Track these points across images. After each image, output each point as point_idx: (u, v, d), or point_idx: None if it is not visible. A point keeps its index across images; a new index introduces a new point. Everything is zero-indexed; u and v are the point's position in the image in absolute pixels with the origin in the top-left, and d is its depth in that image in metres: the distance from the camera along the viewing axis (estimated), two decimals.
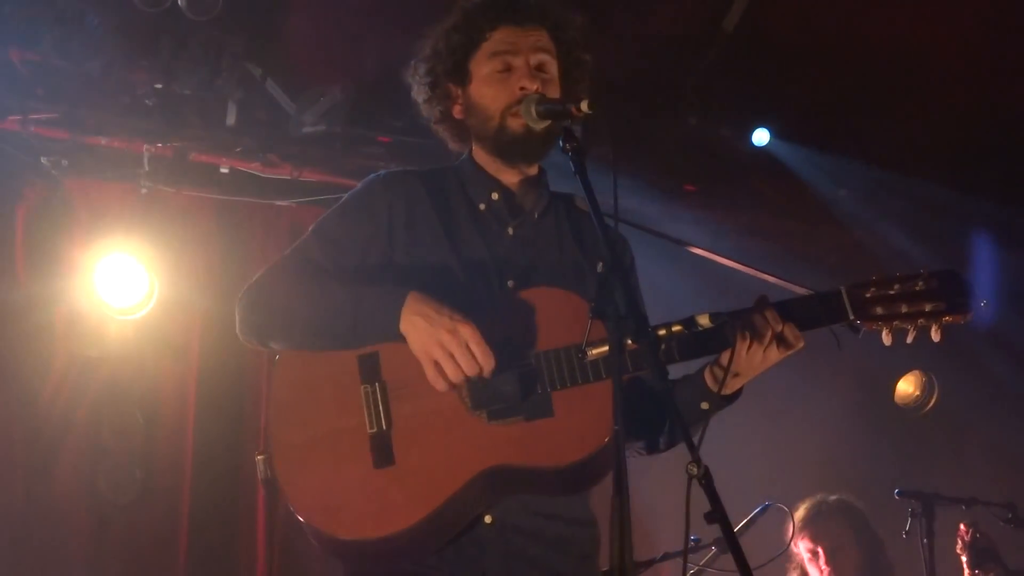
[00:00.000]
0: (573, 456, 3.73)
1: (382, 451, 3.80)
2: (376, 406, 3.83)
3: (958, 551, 6.79)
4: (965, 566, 6.77)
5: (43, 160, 7.46)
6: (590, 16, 4.38)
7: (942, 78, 8.48)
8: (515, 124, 4.05)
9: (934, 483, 7.29)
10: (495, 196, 4.18)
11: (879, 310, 3.86)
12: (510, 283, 4.04)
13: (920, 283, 3.86)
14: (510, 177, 4.21)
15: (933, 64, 8.42)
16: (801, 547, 7.45)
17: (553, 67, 4.17)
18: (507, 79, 4.10)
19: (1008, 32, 8.24)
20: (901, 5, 8.11)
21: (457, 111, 4.24)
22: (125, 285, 7.40)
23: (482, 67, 4.16)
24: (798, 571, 7.54)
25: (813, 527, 7.46)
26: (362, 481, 3.79)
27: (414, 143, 7.52)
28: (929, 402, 9.32)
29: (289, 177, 7.96)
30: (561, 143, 3.76)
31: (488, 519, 3.86)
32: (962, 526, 6.81)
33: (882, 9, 8.16)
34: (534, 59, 4.12)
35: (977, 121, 8.70)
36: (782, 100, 8.60)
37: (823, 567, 7.37)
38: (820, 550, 7.39)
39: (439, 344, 3.73)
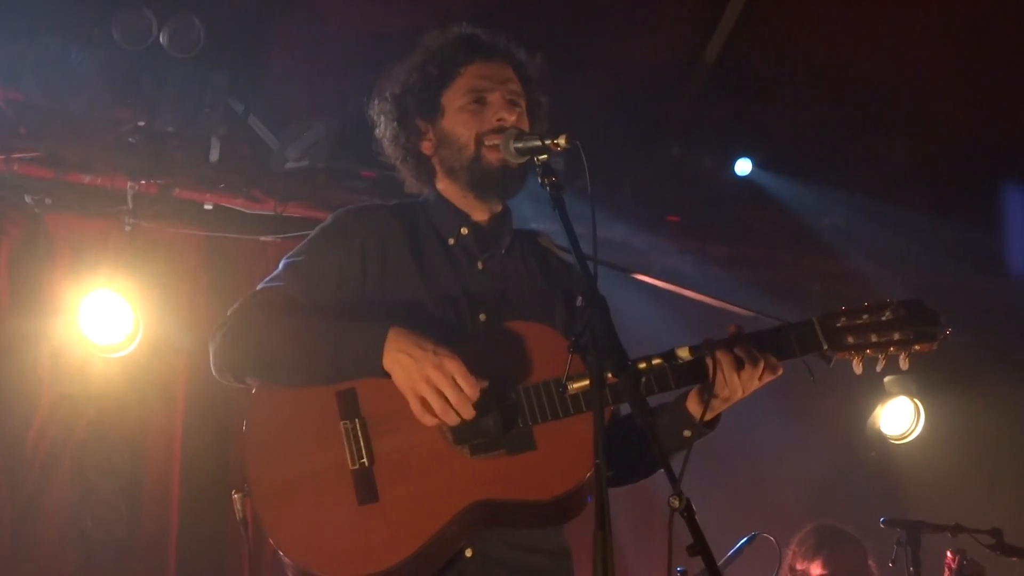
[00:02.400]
0: (557, 489, 3.73)
1: (365, 487, 3.78)
2: (357, 442, 3.81)
3: None
4: None
5: (27, 198, 7.46)
6: (572, 46, 4.41)
7: (923, 106, 8.53)
8: (491, 156, 4.07)
9: (920, 511, 7.29)
10: (464, 231, 4.18)
11: (850, 339, 3.89)
12: (482, 317, 4.05)
13: (888, 312, 3.90)
14: (479, 213, 4.21)
15: (913, 92, 8.48)
16: (811, 568, 7.29)
17: (523, 102, 4.20)
18: (482, 111, 4.12)
19: (988, 59, 8.30)
20: (882, 35, 8.17)
21: (426, 147, 4.24)
22: (110, 322, 7.38)
23: (456, 100, 4.17)
24: None
25: (833, 551, 7.28)
26: (346, 518, 3.77)
27: (398, 177, 7.51)
28: (915, 430, 9.32)
29: (273, 212, 7.96)
30: (540, 178, 3.77)
31: (469, 552, 3.85)
32: (949, 554, 6.79)
33: (863, 39, 8.21)
34: (508, 93, 4.16)
35: (958, 148, 8.75)
36: (764, 130, 8.64)
37: None
38: (838, 574, 7.24)
39: (425, 380, 3.71)
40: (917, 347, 3.88)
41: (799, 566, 7.28)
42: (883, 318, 3.89)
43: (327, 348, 3.83)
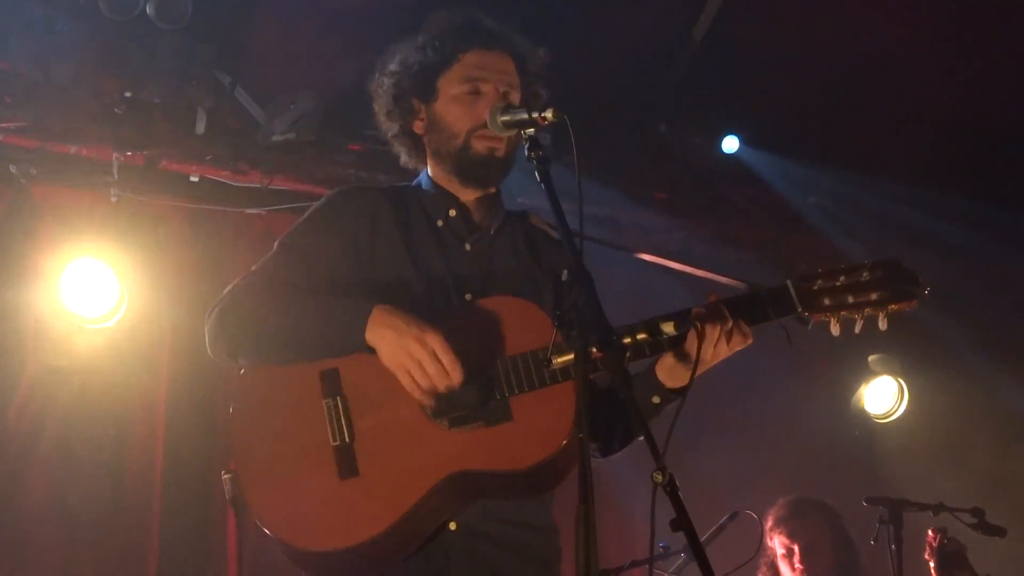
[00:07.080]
0: (533, 459, 3.79)
1: (346, 463, 3.86)
2: (339, 419, 3.89)
3: (926, 557, 6.78)
4: (933, 572, 6.77)
5: (12, 168, 7.43)
6: (560, 22, 4.43)
7: (910, 85, 8.52)
8: (479, 146, 4.16)
9: (902, 489, 7.31)
10: (452, 213, 4.26)
11: (826, 301, 3.94)
12: (468, 298, 4.11)
13: (865, 273, 3.94)
14: (467, 195, 4.30)
15: (901, 71, 8.46)
16: (776, 543, 7.43)
17: (517, 96, 4.25)
18: (476, 102, 4.19)
19: (975, 39, 8.29)
20: (870, 14, 8.15)
21: (418, 127, 4.34)
22: (95, 294, 7.37)
23: (452, 87, 4.24)
24: (771, 569, 7.50)
25: (790, 524, 7.42)
26: (328, 493, 3.84)
27: (385, 151, 7.45)
28: (898, 408, 9.34)
29: (259, 185, 7.94)
30: (527, 151, 3.79)
31: (453, 525, 3.91)
32: (930, 532, 6.81)
33: (851, 17, 8.20)
34: (503, 86, 4.21)
35: (946, 127, 8.74)
36: (751, 108, 8.62)
37: (797, 565, 7.35)
38: (796, 547, 7.37)
39: (407, 353, 3.78)
40: (895, 306, 3.92)
41: (769, 541, 7.37)
42: (860, 279, 3.94)
43: (316, 323, 3.91)
